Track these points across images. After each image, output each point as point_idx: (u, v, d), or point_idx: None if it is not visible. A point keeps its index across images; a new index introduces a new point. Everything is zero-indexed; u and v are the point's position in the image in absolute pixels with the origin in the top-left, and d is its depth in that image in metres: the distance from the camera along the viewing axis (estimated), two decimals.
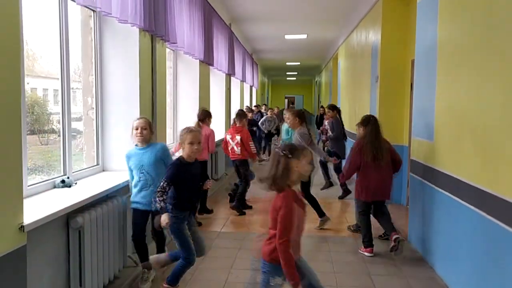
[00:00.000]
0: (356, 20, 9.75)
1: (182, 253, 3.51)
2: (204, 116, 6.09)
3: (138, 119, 3.87)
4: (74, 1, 3.32)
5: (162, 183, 3.37)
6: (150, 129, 3.83)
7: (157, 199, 3.33)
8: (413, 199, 5.22)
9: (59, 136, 3.78)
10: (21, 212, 2.53)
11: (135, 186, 3.83)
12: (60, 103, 3.69)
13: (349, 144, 7.46)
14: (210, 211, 6.37)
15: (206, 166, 6.16)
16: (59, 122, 3.78)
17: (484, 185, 3.25)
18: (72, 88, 3.87)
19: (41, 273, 2.86)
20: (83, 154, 4.45)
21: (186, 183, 3.48)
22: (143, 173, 3.77)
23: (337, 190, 7.81)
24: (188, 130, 3.51)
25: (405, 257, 4.60)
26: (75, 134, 4.15)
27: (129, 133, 3.88)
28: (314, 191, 6.03)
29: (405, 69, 6.99)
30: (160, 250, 4.09)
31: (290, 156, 2.55)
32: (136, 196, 3.82)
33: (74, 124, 4.03)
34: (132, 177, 3.87)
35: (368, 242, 4.80)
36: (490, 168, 3.19)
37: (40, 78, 3.98)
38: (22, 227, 2.49)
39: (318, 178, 7.84)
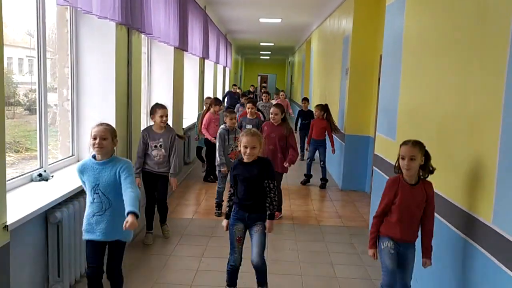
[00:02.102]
0: (330, 9, 9.92)
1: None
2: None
3: (97, 125, 3.07)
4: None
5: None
6: (112, 139, 3.07)
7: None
8: (375, 191, 5.53)
9: (26, 110, 3.74)
10: (5, 212, 2.66)
11: (87, 207, 3.10)
12: (37, 100, 3.76)
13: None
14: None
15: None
16: (25, 95, 3.76)
17: (438, 188, 3.53)
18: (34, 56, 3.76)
19: (22, 267, 3.01)
20: (58, 145, 4.54)
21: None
22: (97, 193, 3.02)
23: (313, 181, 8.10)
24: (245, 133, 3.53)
25: (366, 244, 4.92)
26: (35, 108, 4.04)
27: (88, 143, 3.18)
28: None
29: (374, 63, 7.24)
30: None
31: None
32: (87, 222, 3.07)
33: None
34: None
35: None
36: (444, 173, 3.48)
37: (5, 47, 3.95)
38: (6, 227, 2.63)
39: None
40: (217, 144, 5.86)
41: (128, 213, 2.79)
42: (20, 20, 3.54)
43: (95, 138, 3.00)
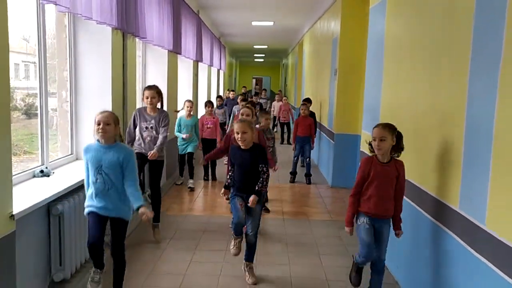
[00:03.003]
0: (320, 12, 10.20)
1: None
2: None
3: (100, 112, 3.29)
4: (56, 5, 3.57)
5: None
6: (114, 124, 3.28)
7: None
8: None
9: (23, 114, 3.96)
10: (11, 203, 2.89)
11: (90, 187, 3.31)
12: (38, 100, 4.00)
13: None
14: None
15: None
16: (22, 100, 3.98)
17: (415, 180, 3.79)
18: (35, 63, 4.00)
19: (26, 255, 3.23)
20: (57, 146, 4.77)
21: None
22: (100, 174, 3.24)
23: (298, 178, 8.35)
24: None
25: (353, 236, 5.17)
26: (37, 112, 4.28)
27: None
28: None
29: (362, 64, 7.49)
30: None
31: None
32: (91, 200, 3.31)
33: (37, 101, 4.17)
34: (88, 175, 3.34)
35: None
36: (419, 165, 3.74)
37: None
38: (12, 216, 2.86)
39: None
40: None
41: (138, 208, 3.22)
42: (15, 25, 3.74)
43: (99, 124, 3.21)
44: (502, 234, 2.42)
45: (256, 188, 3.88)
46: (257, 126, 6.01)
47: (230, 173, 4.09)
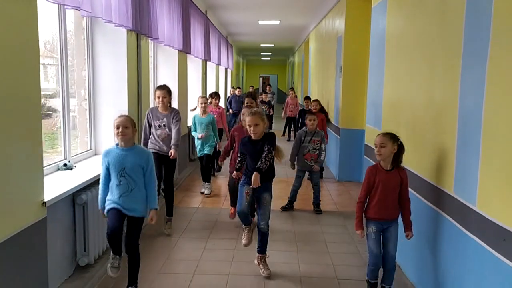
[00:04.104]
0: (325, 10, 10.43)
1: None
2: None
3: (119, 117, 3.51)
4: (79, 10, 3.84)
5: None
6: (132, 128, 3.51)
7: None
8: None
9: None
10: (43, 191, 3.18)
11: (113, 190, 3.48)
12: (60, 100, 4.30)
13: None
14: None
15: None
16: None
17: (413, 168, 4.04)
18: (44, 64, 4.28)
19: (55, 241, 3.52)
20: (77, 140, 5.07)
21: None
22: (124, 176, 3.44)
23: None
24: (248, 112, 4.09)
25: None
26: (50, 112, 4.60)
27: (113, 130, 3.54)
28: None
29: (366, 61, 7.71)
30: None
31: None
32: (113, 199, 3.48)
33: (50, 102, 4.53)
34: (106, 178, 3.52)
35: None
36: (418, 155, 3.98)
37: None
38: (44, 203, 3.15)
39: None
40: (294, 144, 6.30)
41: (150, 209, 3.56)
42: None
43: (118, 128, 3.43)
44: (491, 214, 2.66)
45: (257, 166, 3.95)
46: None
47: (239, 159, 4.35)
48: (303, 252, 4.71)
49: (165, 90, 5.14)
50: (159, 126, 5.15)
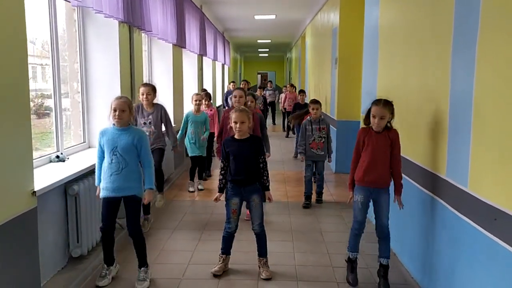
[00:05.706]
0: (320, 3, 10.40)
1: None
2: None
3: (116, 99, 3.55)
4: (69, 2, 3.83)
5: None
6: (129, 111, 3.55)
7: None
8: None
9: (33, 114, 4.21)
10: (32, 180, 3.16)
11: (105, 168, 3.55)
12: (52, 92, 4.27)
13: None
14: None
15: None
16: (32, 101, 4.25)
17: (407, 155, 4.02)
18: (41, 65, 4.29)
19: (46, 232, 3.50)
20: (70, 133, 5.04)
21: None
22: (115, 155, 3.51)
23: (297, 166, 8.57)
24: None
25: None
26: (48, 112, 4.59)
27: (108, 114, 3.58)
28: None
29: (360, 52, 7.65)
30: None
31: None
32: (105, 181, 3.55)
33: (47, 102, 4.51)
34: (101, 156, 3.61)
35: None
36: (411, 142, 3.96)
37: None
38: (34, 192, 3.12)
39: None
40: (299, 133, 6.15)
41: (145, 190, 3.64)
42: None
43: (115, 110, 3.48)
44: (482, 194, 2.65)
45: (266, 183, 3.86)
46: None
47: (222, 172, 3.93)
48: (299, 242, 4.69)
49: (149, 87, 5.14)
50: (144, 123, 5.15)
